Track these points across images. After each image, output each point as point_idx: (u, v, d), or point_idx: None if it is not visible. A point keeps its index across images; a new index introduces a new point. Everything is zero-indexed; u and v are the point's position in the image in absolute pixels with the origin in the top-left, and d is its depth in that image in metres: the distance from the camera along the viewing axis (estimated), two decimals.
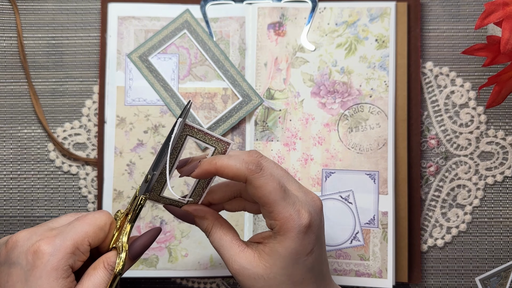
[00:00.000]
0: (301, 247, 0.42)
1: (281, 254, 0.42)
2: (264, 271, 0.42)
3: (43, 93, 0.61)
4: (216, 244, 0.44)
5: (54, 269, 0.39)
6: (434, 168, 0.59)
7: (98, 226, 0.42)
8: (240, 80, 0.59)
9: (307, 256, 0.42)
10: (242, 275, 0.42)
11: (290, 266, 0.42)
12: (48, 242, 0.39)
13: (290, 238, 0.41)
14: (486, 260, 0.59)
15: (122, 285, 0.60)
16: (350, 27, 0.59)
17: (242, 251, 0.43)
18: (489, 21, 0.48)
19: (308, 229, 0.42)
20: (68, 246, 0.40)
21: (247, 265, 0.42)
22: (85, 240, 0.41)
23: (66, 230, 0.41)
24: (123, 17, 0.60)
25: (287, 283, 0.42)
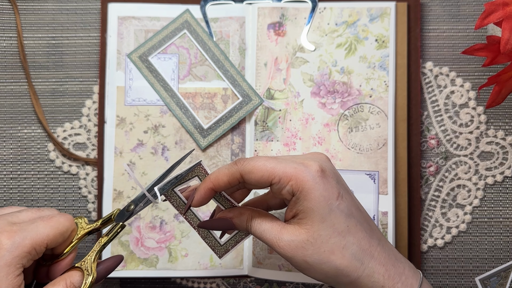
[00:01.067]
0: (325, 192, 0.42)
1: (312, 208, 0.42)
2: (308, 234, 0.42)
3: (43, 93, 0.61)
4: (258, 232, 0.44)
5: (7, 265, 0.39)
6: (434, 168, 0.59)
7: (60, 231, 0.42)
8: (240, 80, 0.59)
9: (338, 200, 0.43)
10: (291, 249, 0.42)
11: (327, 216, 0.42)
12: (8, 236, 0.39)
13: (309, 187, 0.42)
14: (486, 260, 0.59)
15: (122, 285, 0.60)
16: (350, 27, 0.59)
17: (283, 228, 0.43)
18: (489, 21, 0.48)
19: (322, 173, 0.42)
20: (26, 245, 0.40)
21: (292, 237, 0.42)
22: (43, 242, 0.41)
23: (28, 229, 0.41)
24: (123, 17, 0.60)
25: (334, 235, 0.42)
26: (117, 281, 0.60)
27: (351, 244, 0.42)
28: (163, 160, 0.59)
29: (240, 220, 0.45)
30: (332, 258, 0.42)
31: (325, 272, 0.42)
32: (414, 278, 0.44)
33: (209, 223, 0.46)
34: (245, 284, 0.60)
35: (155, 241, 0.58)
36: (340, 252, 0.42)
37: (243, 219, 0.45)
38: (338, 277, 0.42)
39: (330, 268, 0.42)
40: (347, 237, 0.42)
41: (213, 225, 0.46)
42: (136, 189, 0.58)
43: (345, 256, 0.42)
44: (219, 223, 0.46)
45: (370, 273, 0.42)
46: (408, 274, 0.43)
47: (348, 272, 0.42)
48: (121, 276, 0.58)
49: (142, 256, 0.58)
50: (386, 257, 0.43)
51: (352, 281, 0.42)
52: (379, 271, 0.42)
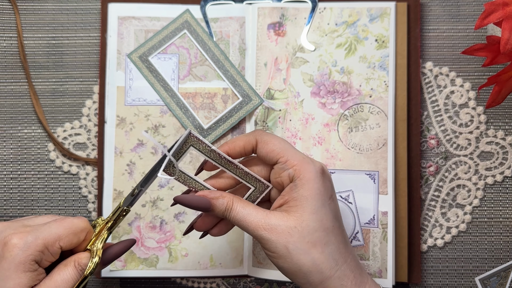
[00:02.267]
0: (323, 188, 0.44)
1: (308, 197, 0.43)
2: (296, 221, 0.43)
3: (43, 93, 0.61)
4: (240, 215, 0.44)
5: (21, 263, 0.41)
6: (434, 168, 0.59)
7: (72, 231, 0.43)
8: (240, 80, 0.59)
9: (330, 201, 0.44)
10: (275, 233, 0.43)
11: (318, 210, 0.43)
12: (20, 237, 0.41)
13: (311, 179, 0.43)
14: (486, 260, 0.59)
15: (122, 285, 0.60)
16: (350, 27, 0.59)
17: (270, 213, 0.44)
18: (489, 21, 0.48)
19: (323, 173, 0.45)
20: (38, 244, 0.41)
21: (279, 222, 0.43)
22: (56, 242, 0.42)
23: (41, 229, 0.42)
24: (123, 17, 0.60)
25: (320, 230, 0.43)
26: (117, 281, 0.60)
27: (331, 243, 0.44)
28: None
29: (220, 203, 0.45)
30: (312, 250, 0.43)
31: (301, 264, 0.43)
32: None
33: (186, 198, 0.45)
34: (245, 284, 0.60)
35: (155, 241, 0.58)
36: (320, 247, 0.43)
37: (223, 202, 0.45)
38: (310, 273, 0.43)
39: (307, 260, 0.43)
40: (330, 235, 0.44)
41: (190, 201, 0.45)
42: None
43: (324, 252, 0.43)
44: (196, 200, 0.45)
45: (341, 276, 0.43)
46: (371, 285, 0.45)
47: (323, 269, 0.43)
48: (121, 276, 0.58)
49: (142, 256, 0.58)
50: (356, 266, 0.45)
51: (323, 280, 0.43)
52: (349, 276, 0.44)
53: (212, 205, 0.45)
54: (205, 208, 0.45)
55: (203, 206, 0.45)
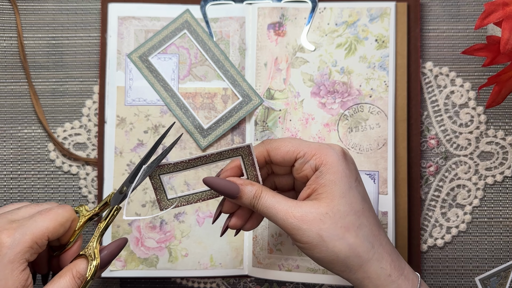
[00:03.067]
0: (347, 170, 0.43)
1: (335, 181, 0.43)
2: (327, 208, 0.42)
3: (43, 93, 0.61)
4: (269, 203, 0.44)
5: (10, 262, 0.40)
6: (434, 168, 0.59)
7: (59, 222, 0.43)
8: (240, 80, 0.59)
9: (356, 183, 0.44)
10: (307, 221, 0.42)
11: (347, 193, 0.43)
12: (8, 234, 0.40)
13: (334, 162, 0.43)
14: (486, 260, 0.59)
15: (122, 285, 0.60)
16: (350, 27, 0.59)
17: (300, 202, 0.44)
18: (489, 21, 0.48)
19: (345, 156, 0.44)
20: (26, 241, 0.41)
21: (310, 209, 0.43)
22: (44, 235, 0.42)
23: (27, 224, 0.41)
24: (123, 17, 0.60)
25: (351, 213, 0.43)
26: (117, 281, 0.60)
27: (364, 226, 0.43)
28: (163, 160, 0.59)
29: (248, 190, 0.44)
30: (347, 235, 0.42)
31: (337, 251, 0.42)
32: (414, 275, 0.44)
33: (216, 181, 0.45)
34: (245, 284, 0.60)
35: (155, 241, 0.58)
36: (354, 231, 0.42)
37: (252, 189, 0.44)
38: (348, 259, 0.42)
39: (343, 246, 0.42)
40: (361, 218, 0.43)
41: (219, 184, 0.45)
42: (136, 190, 0.58)
43: (359, 236, 0.42)
44: (226, 184, 0.45)
45: (379, 258, 0.43)
46: (409, 270, 0.44)
47: (360, 252, 0.42)
48: (121, 276, 0.58)
49: (142, 256, 0.58)
50: (393, 250, 0.44)
51: (362, 264, 0.42)
52: (387, 259, 0.43)
53: (241, 191, 0.44)
54: (233, 193, 0.44)
55: (232, 191, 0.44)
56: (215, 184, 0.45)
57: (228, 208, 0.47)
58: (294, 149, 0.44)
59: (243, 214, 0.47)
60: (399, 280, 0.43)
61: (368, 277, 0.42)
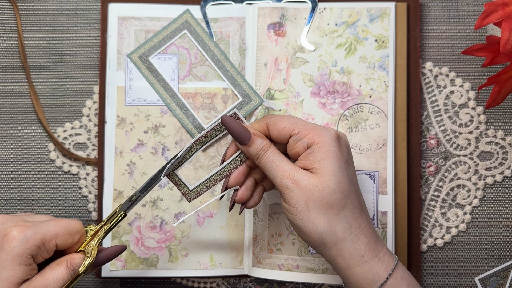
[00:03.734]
0: (338, 151, 0.46)
1: (325, 159, 0.45)
2: (318, 180, 0.45)
3: (43, 93, 0.61)
4: (273, 158, 0.46)
5: (18, 255, 0.42)
6: (433, 168, 0.59)
7: (68, 232, 0.45)
8: (240, 80, 0.59)
9: (346, 165, 0.46)
10: (299, 186, 0.45)
11: (336, 171, 0.45)
12: (20, 230, 0.43)
13: (325, 142, 0.45)
14: (485, 260, 0.59)
15: (122, 285, 0.60)
16: (350, 28, 0.59)
17: (298, 168, 0.46)
18: (489, 21, 0.48)
19: (338, 139, 0.46)
20: (36, 239, 0.43)
21: (304, 177, 0.45)
22: (52, 239, 0.44)
23: (39, 225, 0.44)
24: (123, 17, 0.60)
25: (338, 192, 0.45)
26: (117, 281, 0.60)
27: (347, 206, 0.45)
28: (164, 160, 0.59)
29: (259, 141, 0.47)
30: (329, 211, 0.45)
31: (317, 223, 0.44)
32: (391, 258, 0.46)
33: (232, 123, 0.48)
34: (245, 284, 0.60)
35: (155, 241, 0.58)
36: (337, 209, 0.45)
37: (262, 142, 0.47)
38: (325, 234, 0.44)
39: (323, 220, 0.44)
40: (347, 199, 0.45)
41: (235, 126, 0.47)
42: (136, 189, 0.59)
43: (340, 215, 0.45)
44: (240, 128, 0.47)
45: (354, 239, 0.45)
46: (385, 253, 0.46)
47: (337, 230, 0.45)
48: (121, 276, 0.58)
49: (142, 256, 0.58)
50: (371, 233, 0.46)
51: (337, 242, 0.45)
52: (362, 240, 0.45)
53: (252, 139, 0.47)
54: (245, 138, 0.47)
55: (244, 136, 0.47)
56: (231, 125, 0.48)
57: (235, 181, 0.50)
58: (290, 126, 0.46)
59: (249, 185, 0.50)
60: (371, 261, 0.45)
61: (341, 255, 0.45)
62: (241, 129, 0.47)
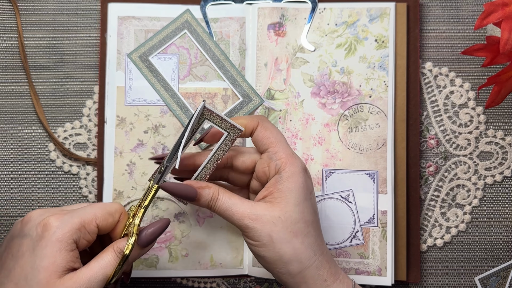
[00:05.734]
0: (306, 183, 0.46)
1: (292, 190, 0.45)
2: (280, 212, 0.45)
3: (43, 93, 0.61)
4: (225, 205, 0.46)
5: (58, 241, 0.42)
6: (433, 168, 0.60)
7: (107, 211, 0.45)
8: (240, 80, 0.59)
9: (311, 195, 0.47)
10: (261, 222, 0.45)
11: (301, 202, 0.45)
12: (57, 218, 0.43)
13: (296, 173, 0.46)
14: (485, 259, 0.59)
15: (122, 285, 0.60)
16: (349, 28, 0.59)
17: (255, 203, 0.46)
18: (489, 21, 0.48)
19: (305, 170, 0.47)
20: (75, 222, 0.43)
21: (264, 211, 0.45)
22: (92, 220, 0.44)
23: (77, 210, 0.44)
24: (123, 17, 0.60)
25: (301, 222, 0.45)
26: None
27: (311, 235, 0.46)
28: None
29: (206, 193, 0.46)
30: (294, 240, 0.45)
31: (282, 253, 0.44)
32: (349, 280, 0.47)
33: (172, 186, 0.46)
34: (245, 284, 0.60)
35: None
36: (301, 237, 0.45)
37: (209, 192, 0.46)
38: (290, 262, 0.45)
39: (289, 249, 0.45)
40: (310, 228, 0.46)
41: (176, 189, 0.46)
42: (136, 190, 0.59)
43: (304, 243, 0.45)
44: (183, 189, 0.46)
45: (318, 266, 0.45)
46: (344, 275, 0.47)
47: (302, 258, 0.45)
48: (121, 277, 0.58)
49: (142, 256, 0.58)
50: (330, 258, 0.47)
51: (302, 269, 0.45)
52: (325, 266, 0.46)
53: (198, 194, 0.46)
54: (191, 197, 0.46)
55: (189, 195, 0.46)
56: (172, 189, 0.46)
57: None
58: (273, 140, 0.47)
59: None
60: (334, 284, 0.46)
61: (305, 282, 0.45)
62: (184, 190, 0.46)
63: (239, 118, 0.48)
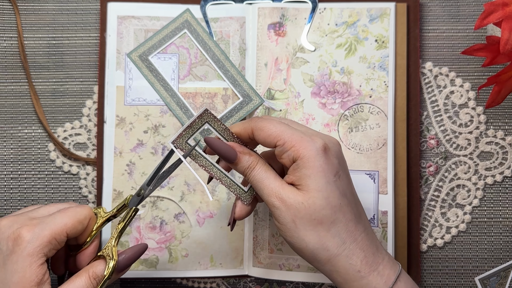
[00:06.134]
0: (325, 165, 0.43)
1: (310, 175, 0.43)
2: (303, 198, 0.43)
3: (43, 93, 0.61)
4: (259, 176, 0.45)
5: (29, 255, 0.42)
6: (433, 168, 0.59)
7: (77, 220, 0.45)
8: (240, 80, 0.59)
9: (335, 177, 0.44)
10: (285, 205, 0.43)
11: (323, 187, 0.43)
12: (28, 230, 0.42)
13: (311, 156, 0.43)
14: (485, 260, 0.59)
15: (122, 285, 0.60)
16: (350, 28, 0.59)
17: (285, 185, 0.44)
18: (489, 21, 0.48)
19: (325, 150, 0.44)
20: (46, 236, 0.43)
21: (290, 195, 0.43)
22: (63, 231, 0.44)
23: (47, 221, 0.44)
24: (123, 17, 0.60)
25: (327, 208, 0.43)
26: (117, 281, 0.60)
27: (339, 221, 0.43)
28: None
29: (245, 159, 0.45)
30: (318, 227, 0.43)
31: (307, 240, 0.43)
32: (392, 270, 0.44)
33: (217, 143, 0.46)
34: (245, 284, 0.60)
35: (155, 241, 0.58)
36: (327, 225, 0.43)
37: (249, 160, 0.45)
38: (317, 250, 0.43)
39: (313, 237, 0.43)
40: (338, 213, 0.43)
41: (220, 146, 0.46)
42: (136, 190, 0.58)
43: (331, 231, 0.43)
44: (225, 148, 0.46)
45: (349, 254, 0.43)
46: (386, 265, 0.44)
47: (329, 246, 0.43)
48: (121, 277, 0.58)
49: (142, 256, 0.58)
50: (368, 245, 0.44)
51: (330, 258, 0.43)
52: (358, 255, 0.43)
53: (238, 158, 0.45)
54: (231, 157, 0.46)
55: (230, 155, 0.46)
56: (216, 146, 0.46)
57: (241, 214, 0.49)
58: (276, 135, 0.44)
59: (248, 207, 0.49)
60: (369, 276, 0.43)
61: (336, 271, 0.43)
62: (226, 148, 0.46)
63: (233, 127, 0.48)
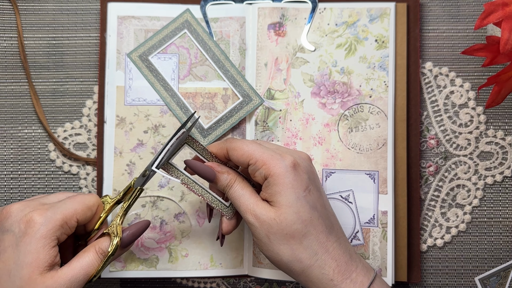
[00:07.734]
0: (294, 181, 0.46)
1: (280, 192, 0.45)
2: (275, 213, 0.45)
3: (43, 93, 0.61)
4: (236, 194, 0.47)
5: (43, 237, 0.43)
6: (433, 168, 0.59)
7: (86, 206, 0.47)
8: (240, 80, 0.59)
9: (305, 192, 0.46)
10: (259, 221, 0.46)
11: (293, 203, 0.45)
12: (40, 213, 0.44)
13: (279, 173, 0.45)
14: (485, 260, 0.59)
15: (122, 285, 0.60)
16: (350, 28, 0.59)
17: (259, 201, 0.47)
18: (489, 21, 0.48)
19: (295, 167, 0.46)
20: (58, 219, 0.45)
21: (263, 211, 0.46)
22: (73, 216, 0.46)
23: (58, 205, 0.45)
24: (123, 17, 0.60)
25: (298, 222, 0.45)
26: (117, 281, 0.60)
27: (310, 234, 0.45)
28: None
29: (223, 178, 0.48)
30: (291, 241, 0.45)
31: (281, 254, 0.45)
32: (366, 277, 0.46)
33: (196, 164, 0.48)
34: (245, 284, 0.60)
35: (155, 241, 0.58)
36: (299, 238, 0.45)
37: (227, 178, 0.48)
38: (291, 263, 0.45)
39: (287, 251, 0.45)
40: (309, 227, 0.45)
41: (198, 167, 0.48)
42: None
43: (303, 243, 0.45)
44: (204, 169, 0.48)
45: (321, 265, 0.45)
46: (359, 272, 0.46)
47: (302, 258, 0.45)
48: (121, 277, 0.58)
49: (142, 256, 0.58)
50: (341, 254, 0.46)
51: (304, 269, 0.45)
52: (330, 265, 0.45)
53: (217, 177, 0.48)
54: (210, 177, 0.48)
55: (209, 175, 0.48)
56: (195, 167, 0.48)
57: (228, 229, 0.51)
58: (248, 155, 0.47)
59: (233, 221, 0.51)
60: (342, 284, 0.45)
61: (311, 281, 0.46)
62: (204, 169, 0.48)
63: (210, 147, 0.50)
